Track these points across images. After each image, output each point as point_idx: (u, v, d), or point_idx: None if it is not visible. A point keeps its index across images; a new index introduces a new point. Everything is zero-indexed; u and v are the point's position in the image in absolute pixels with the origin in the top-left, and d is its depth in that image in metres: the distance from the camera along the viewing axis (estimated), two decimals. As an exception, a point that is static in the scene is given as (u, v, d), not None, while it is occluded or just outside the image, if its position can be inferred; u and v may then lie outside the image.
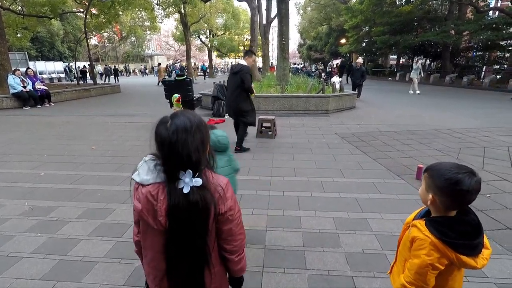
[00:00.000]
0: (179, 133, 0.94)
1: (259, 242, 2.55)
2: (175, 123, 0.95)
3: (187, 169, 0.96)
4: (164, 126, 0.96)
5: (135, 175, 1.03)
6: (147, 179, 0.99)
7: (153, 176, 0.99)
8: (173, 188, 0.97)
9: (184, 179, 0.96)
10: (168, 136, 0.94)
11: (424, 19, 23.57)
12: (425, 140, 5.71)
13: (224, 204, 1.04)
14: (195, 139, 0.96)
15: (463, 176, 1.03)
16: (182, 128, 0.95)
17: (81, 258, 2.37)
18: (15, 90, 10.20)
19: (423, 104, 10.56)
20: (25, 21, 18.84)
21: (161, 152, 0.99)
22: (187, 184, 0.96)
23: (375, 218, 2.90)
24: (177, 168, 0.96)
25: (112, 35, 43.33)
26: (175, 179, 0.97)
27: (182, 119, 0.97)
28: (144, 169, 1.01)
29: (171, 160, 0.97)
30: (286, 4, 10.19)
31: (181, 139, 0.94)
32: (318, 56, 42.71)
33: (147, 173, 1.00)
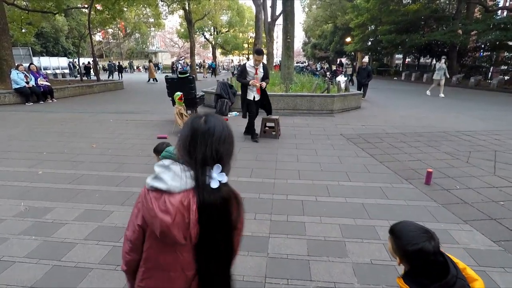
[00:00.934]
0: (216, 127, 0.95)
1: (262, 250, 2.43)
2: (210, 120, 0.96)
3: (215, 164, 0.92)
4: (199, 121, 0.96)
5: (155, 181, 0.92)
6: (176, 185, 0.89)
7: (183, 182, 0.90)
8: (202, 186, 0.90)
9: (211, 174, 0.91)
10: (205, 127, 0.94)
11: (431, 18, 23.24)
12: (433, 143, 5.56)
13: (239, 216, 1.03)
14: (228, 139, 0.97)
15: (423, 244, 1.11)
16: (219, 124, 0.96)
17: (76, 264, 2.27)
18: (18, 85, 10.14)
19: (430, 105, 10.36)
20: (29, 16, 18.80)
21: (190, 144, 0.93)
22: (214, 179, 0.91)
23: (383, 226, 2.77)
24: (206, 162, 0.92)
25: (117, 31, 43.27)
26: (203, 174, 0.91)
27: (215, 118, 0.98)
28: (169, 175, 0.91)
29: (201, 152, 0.92)
30: (291, 1, 10.02)
31: (218, 132, 0.94)
32: (323, 54, 42.40)
33: (173, 179, 0.90)
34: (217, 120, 0.98)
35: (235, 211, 0.99)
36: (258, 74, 5.45)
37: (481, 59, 23.18)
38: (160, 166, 0.96)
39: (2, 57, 11.88)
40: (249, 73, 5.47)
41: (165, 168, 0.94)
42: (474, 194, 3.43)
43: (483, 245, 2.51)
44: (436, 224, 2.80)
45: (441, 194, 3.43)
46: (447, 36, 19.55)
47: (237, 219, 1.02)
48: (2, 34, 11.76)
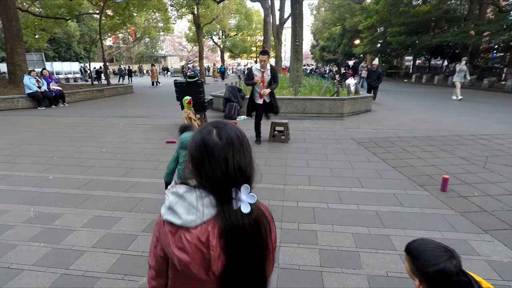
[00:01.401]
0: (234, 138, 0.81)
1: (272, 260, 2.35)
2: (226, 131, 0.82)
3: (241, 184, 0.79)
4: (212, 136, 0.81)
5: (169, 214, 0.80)
6: (192, 219, 0.77)
7: (199, 215, 0.78)
8: (228, 211, 0.78)
9: (240, 196, 0.79)
10: (221, 142, 0.79)
11: (442, 19, 22.87)
12: (447, 147, 5.39)
13: (273, 233, 0.91)
14: (248, 150, 0.84)
15: (444, 264, 1.04)
16: (235, 137, 0.82)
17: (84, 273, 2.24)
18: (30, 90, 10.33)
19: (442, 107, 10.13)
20: (42, 22, 19.25)
21: (206, 165, 0.80)
22: (244, 202, 0.78)
23: (398, 235, 2.66)
24: (230, 185, 0.79)
25: (127, 36, 43.94)
26: (228, 200, 0.79)
27: (230, 128, 0.84)
28: (183, 206, 0.79)
29: (224, 176, 0.79)
30: (300, 4, 9.97)
31: (237, 145, 0.81)
32: (331, 57, 42.18)
33: (188, 211, 0.78)
34: (231, 130, 0.84)
35: (267, 230, 0.85)
36: (265, 77, 5.31)
37: (494, 60, 22.67)
38: (174, 194, 0.83)
39: (16, 63, 12.17)
40: (256, 77, 5.35)
41: (179, 197, 0.81)
42: (494, 202, 3.29)
43: (506, 257, 2.38)
44: (454, 234, 2.68)
45: (458, 202, 3.30)
46: (458, 37, 19.19)
47: (269, 239, 0.88)
48: (16, 41, 12.05)
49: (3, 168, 4.50)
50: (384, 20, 24.12)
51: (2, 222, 2.97)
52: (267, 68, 5.31)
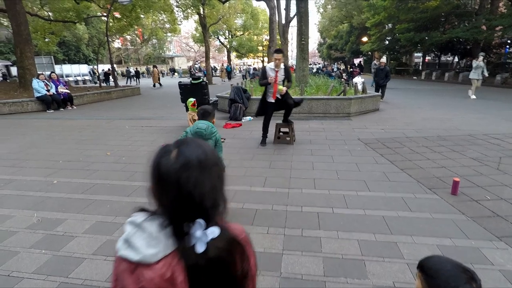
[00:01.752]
0: (192, 167, 0.67)
1: (274, 269, 2.28)
2: (183, 153, 0.69)
3: (197, 218, 0.68)
4: (168, 158, 0.69)
5: (125, 248, 0.68)
6: (153, 253, 0.66)
7: (161, 247, 0.67)
8: (182, 247, 0.68)
9: (195, 233, 0.67)
10: (176, 172, 0.67)
11: (452, 14, 22.36)
12: (458, 148, 5.23)
13: (247, 261, 0.78)
14: (211, 176, 0.70)
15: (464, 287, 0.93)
16: (195, 160, 0.68)
17: (83, 282, 2.21)
18: (39, 93, 10.48)
19: (452, 106, 9.87)
20: (52, 26, 19.55)
21: (163, 195, 0.70)
22: (199, 239, 0.67)
23: (406, 242, 2.56)
24: (185, 218, 0.68)
25: (135, 37, 44.35)
26: (182, 234, 0.68)
27: (193, 148, 0.71)
28: (143, 239, 0.68)
29: (177, 208, 0.68)
30: (305, 2, 9.84)
31: (194, 176, 0.67)
32: (339, 55, 41.78)
33: (149, 244, 0.67)
34: (194, 150, 0.71)
35: (235, 262, 0.74)
36: (278, 76, 5.18)
37: (507, 55, 22.06)
38: (131, 224, 0.71)
39: (26, 67, 12.38)
40: (270, 77, 5.23)
41: (137, 228, 0.69)
42: (508, 206, 3.14)
43: (522, 266, 2.25)
44: (466, 241, 2.56)
45: (470, 206, 3.17)
46: (469, 32, 18.75)
47: (245, 268, 0.78)
48: (25, 45, 12.25)
49: (10, 172, 4.54)
50: (392, 17, 23.74)
51: (6, 228, 2.98)
52: (281, 67, 5.19)
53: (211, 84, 22.33)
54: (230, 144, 5.84)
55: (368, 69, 33.13)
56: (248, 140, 6.15)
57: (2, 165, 4.89)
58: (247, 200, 3.43)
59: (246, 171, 4.36)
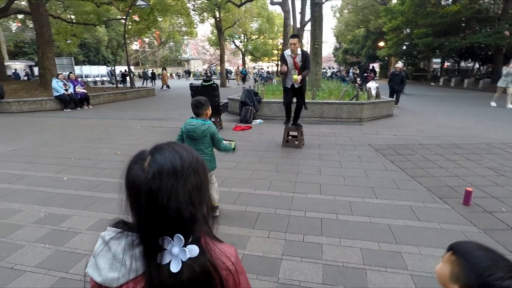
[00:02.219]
0: (164, 176, 0.61)
1: (272, 274, 2.24)
2: (156, 160, 0.62)
3: (175, 233, 0.62)
4: (140, 165, 0.63)
5: (91, 268, 0.66)
6: (114, 278, 0.62)
7: (125, 271, 0.62)
8: (155, 268, 0.62)
9: (172, 249, 0.61)
10: (146, 181, 0.60)
11: (473, 19, 21.68)
12: (474, 156, 5.02)
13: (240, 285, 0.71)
14: (187, 185, 0.63)
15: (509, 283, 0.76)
16: (168, 168, 0.62)
17: (81, 278, 2.23)
18: (57, 93, 10.84)
19: (470, 113, 9.54)
20: (73, 28, 20.25)
21: (134, 208, 0.64)
22: (176, 257, 0.61)
23: (411, 253, 2.46)
24: (160, 233, 0.62)
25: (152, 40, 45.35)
26: (156, 251, 0.62)
27: (168, 154, 0.64)
28: (107, 260, 0.64)
29: (150, 221, 0.62)
30: (319, 7, 9.79)
31: (166, 186, 0.60)
32: (354, 60, 41.31)
33: (112, 266, 0.63)
34: (170, 157, 0.64)
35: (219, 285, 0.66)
36: (297, 62, 5.05)
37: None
38: (101, 239, 0.68)
39: (46, 67, 12.84)
40: (288, 62, 5.16)
41: (104, 245, 0.65)
42: (523, 219, 2.98)
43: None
44: (475, 254, 2.43)
45: (482, 218, 3.02)
46: (491, 38, 18.12)
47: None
48: (47, 46, 12.73)
49: (24, 168, 4.69)
50: (410, 21, 23.27)
51: (14, 221, 3.06)
52: (297, 53, 5.04)
53: (224, 87, 22.50)
54: (239, 146, 5.78)
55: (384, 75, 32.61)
56: (257, 143, 6.12)
57: (17, 161, 5.06)
58: (250, 203, 3.39)
59: (251, 174, 4.33)
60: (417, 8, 21.64)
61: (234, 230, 2.85)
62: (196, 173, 0.65)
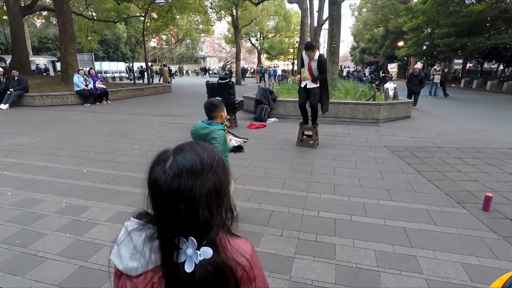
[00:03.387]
0: (183, 178, 0.63)
1: (285, 272, 2.25)
2: (177, 161, 0.64)
3: (190, 235, 0.64)
4: (162, 167, 0.65)
5: (115, 255, 0.70)
6: (133, 267, 0.66)
7: (144, 262, 0.66)
8: (172, 264, 0.65)
9: (186, 250, 0.64)
10: (166, 182, 0.63)
11: (499, 19, 20.82)
12: (495, 161, 4.86)
13: (250, 286, 0.72)
14: (206, 188, 0.64)
15: None
16: (188, 170, 0.63)
17: (100, 267, 2.31)
18: (78, 88, 11.18)
19: (493, 117, 9.21)
20: (94, 25, 20.80)
21: (154, 206, 0.67)
22: (189, 258, 0.64)
23: (427, 257, 2.42)
24: (176, 233, 0.65)
25: (170, 37, 45.95)
26: (173, 249, 0.65)
27: (189, 156, 0.66)
28: (128, 249, 0.68)
29: (167, 221, 0.65)
30: (338, 5, 9.67)
31: (185, 188, 0.62)
32: (372, 59, 40.53)
33: (132, 256, 0.67)
34: (191, 157, 0.66)
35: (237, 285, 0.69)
36: (311, 65, 5.26)
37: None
38: (124, 228, 0.72)
39: (68, 62, 13.25)
40: (304, 61, 5.40)
41: (126, 235, 0.69)
42: (547, 228, 2.87)
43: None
44: (495, 261, 2.37)
45: (502, 224, 2.93)
46: (518, 38, 17.39)
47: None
48: (69, 42, 13.12)
49: (47, 160, 4.88)
50: (432, 21, 22.60)
51: (37, 211, 3.20)
52: (314, 58, 5.22)
53: (240, 85, 22.57)
54: (253, 144, 5.85)
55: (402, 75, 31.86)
56: (271, 142, 6.13)
57: (40, 152, 5.27)
58: (264, 201, 3.42)
59: (265, 172, 4.35)
60: (439, 7, 20.98)
61: (247, 227, 2.88)
62: (216, 175, 0.67)
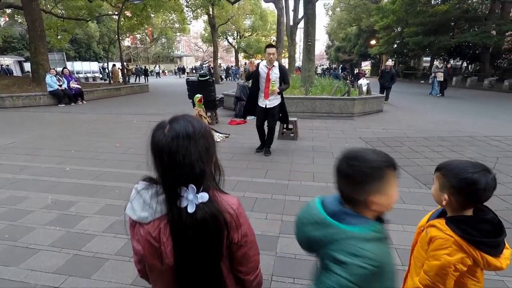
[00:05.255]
0: (180, 139, 0.80)
1: (270, 249, 2.45)
2: (174, 128, 0.81)
3: (189, 183, 0.81)
4: (161, 132, 0.82)
5: (128, 208, 0.87)
6: (144, 216, 0.83)
7: (152, 212, 0.83)
8: (176, 209, 0.81)
9: (187, 196, 0.81)
10: (167, 143, 0.79)
11: (461, 18, 22.24)
12: (457, 148, 5.33)
13: (237, 231, 0.88)
14: (198, 146, 0.82)
15: (478, 175, 1.03)
16: (183, 133, 0.80)
17: (94, 254, 2.41)
18: (51, 88, 10.84)
19: (458, 109, 9.92)
20: (65, 23, 20.04)
21: (158, 164, 0.83)
22: (191, 201, 0.80)
23: (396, 230, 2.71)
24: (178, 183, 0.81)
25: (144, 36, 44.99)
26: (176, 197, 0.82)
27: (182, 123, 0.83)
28: (139, 203, 0.85)
29: (170, 174, 0.82)
30: (312, 4, 10.00)
31: (182, 147, 0.79)
32: (346, 57, 41.77)
33: (143, 208, 0.84)
34: (183, 124, 0.82)
35: (221, 228, 0.85)
36: (270, 76, 4.59)
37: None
38: (134, 189, 0.88)
39: (39, 62, 12.77)
40: (261, 74, 4.64)
41: (137, 193, 0.86)
42: (498, 202, 3.26)
43: (504, 254, 2.38)
44: (453, 230, 2.69)
45: (462, 200, 3.29)
46: (479, 37, 18.66)
47: (234, 236, 0.88)
48: (39, 41, 12.64)
49: (26, 159, 4.80)
50: (401, 20, 23.74)
51: (23, 207, 3.20)
52: (274, 65, 4.62)
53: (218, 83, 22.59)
54: (235, 139, 6.03)
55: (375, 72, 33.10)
56: (252, 136, 6.30)
57: (17, 153, 5.16)
58: (248, 190, 3.60)
59: (248, 164, 4.54)
60: (407, 7, 22.07)
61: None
62: (204, 138, 0.84)
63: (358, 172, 0.85)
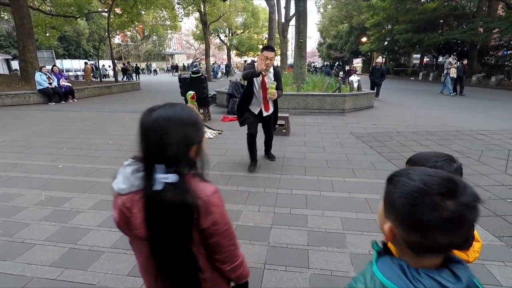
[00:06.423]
0: (160, 120, 0.88)
1: (263, 239, 2.53)
2: (159, 111, 0.90)
3: (162, 163, 0.87)
4: (147, 112, 0.91)
5: (114, 180, 0.94)
6: (122, 188, 0.91)
7: (129, 185, 0.90)
8: (148, 185, 0.88)
9: (156, 174, 0.86)
10: (149, 122, 0.88)
11: (450, 16, 22.61)
12: (444, 142, 5.48)
13: (207, 218, 0.91)
14: (176, 131, 0.88)
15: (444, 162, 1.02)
16: (164, 116, 0.88)
17: (90, 247, 2.45)
18: (41, 86, 10.68)
19: (446, 105, 10.14)
20: (53, 20, 19.68)
21: (140, 142, 0.90)
22: (158, 180, 0.85)
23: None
24: (151, 160, 0.88)
25: (135, 34, 44.47)
26: (151, 174, 0.88)
27: (168, 108, 0.91)
28: (122, 176, 0.92)
29: (146, 150, 0.89)
30: (304, 2, 10.07)
31: (161, 127, 0.87)
32: (338, 55, 42.04)
33: (123, 181, 0.91)
34: (169, 110, 0.91)
35: (189, 214, 0.88)
36: (266, 80, 3.90)
37: (504, 58, 22.37)
38: (121, 166, 0.96)
39: (28, 60, 12.55)
40: (254, 83, 3.95)
41: (122, 168, 0.94)
42: (481, 192, 3.39)
43: (485, 240, 2.50)
44: (438, 219, 2.81)
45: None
46: (467, 34, 19.01)
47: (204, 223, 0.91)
48: (27, 38, 12.42)
49: (17, 157, 4.77)
50: (391, 18, 23.99)
51: (16, 204, 3.21)
52: (269, 71, 3.93)
53: (210, 81, 22.54)
54: (228, 135, 6.08)
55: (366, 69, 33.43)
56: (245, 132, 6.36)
57: (9, 151, 5.12)
58: (241, 184, 3.67)
59: (241, 159, 4.60)
60: (397, 4, 22.32)
61: (227, 206, 3.10)
62: (185, 125, 0.91)
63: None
